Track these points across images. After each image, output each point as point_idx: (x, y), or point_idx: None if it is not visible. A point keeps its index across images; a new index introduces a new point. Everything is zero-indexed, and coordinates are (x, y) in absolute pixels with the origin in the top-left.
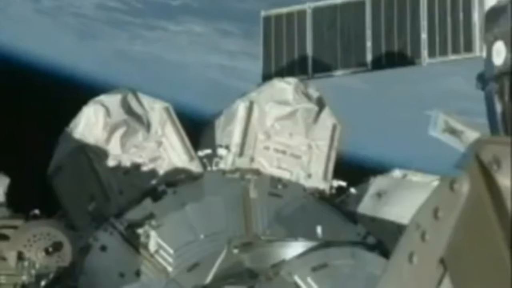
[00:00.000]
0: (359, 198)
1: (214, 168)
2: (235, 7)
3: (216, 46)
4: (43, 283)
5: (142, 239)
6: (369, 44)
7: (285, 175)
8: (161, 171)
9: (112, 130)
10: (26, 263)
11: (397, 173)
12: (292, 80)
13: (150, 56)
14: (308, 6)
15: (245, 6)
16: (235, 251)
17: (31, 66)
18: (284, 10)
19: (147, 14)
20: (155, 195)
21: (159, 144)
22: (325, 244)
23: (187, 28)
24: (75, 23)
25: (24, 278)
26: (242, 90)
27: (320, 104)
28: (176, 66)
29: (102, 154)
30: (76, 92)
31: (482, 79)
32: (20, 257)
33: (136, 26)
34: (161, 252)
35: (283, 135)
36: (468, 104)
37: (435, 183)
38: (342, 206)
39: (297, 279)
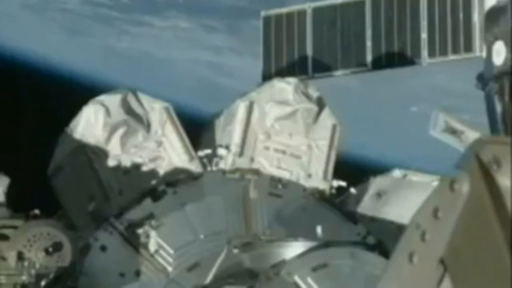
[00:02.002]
0: (359, 198)
1: (214, 168)
2: (220, 3)
3: (202, 42)
4: (43, 283)
5: (142, 239)
6: (369, 44)
7: (285, 175)
8: (161, 171)
9: (112, 130)
10: (26, 263)
11: (397, 173)
12: (292, 80)
13: (138, 52)
14: (308, 6)
15: (230, 1)
16: (235, 251)
17: (30, 65)
18: (284, 10)
19: (133, 9)
20: (155, 195)
21: (159, 144)
22: (325, 244)
23: (173, 23)
24: (62, 19)
25: (24, 278)
26: (228, 87)
27: (320, 104)
28: (164, 62)
29: (102, 154)
30: (76, 92)
31: (482, 79)
32: (20, 257)
33: (123, 22)
34: (161, 252)
35: (283, 135)
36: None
37: (435, 183)
38: (342, 206)
39: (297, 279)
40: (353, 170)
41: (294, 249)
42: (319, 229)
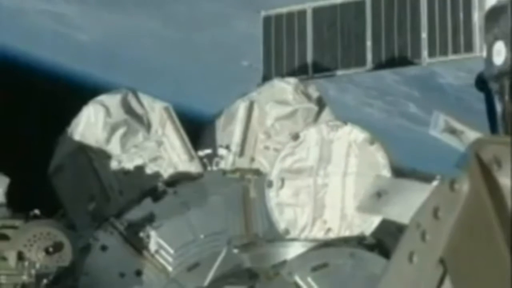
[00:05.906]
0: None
1: (214, 168)
2: None
3: None
4: (43, 283)
5: (142, 239)
6: (369, 44)
7: None
8: (161, 171)
9: (112, 130)
10: (26, 263)
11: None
12: (292, 80)
13: None
14: (308, 6)
15: None
16: (235, 251)
17: (29, 65)
18: (284, 10)
19: None
20: (155, 195)
21: (159, 144)
22: (325, 244)
23: None
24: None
25: (24, 278)
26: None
27: (320, 104)
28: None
29: (102, 154)
30: (76, 92)
31: (482, 79)
32: (20, 257)
33: None
34: (161, 252)
35: (283, 135)
36: None
37: (435, 183)
38: None
39: (297, 279)
40: None
41: (294, 249)
42: None
